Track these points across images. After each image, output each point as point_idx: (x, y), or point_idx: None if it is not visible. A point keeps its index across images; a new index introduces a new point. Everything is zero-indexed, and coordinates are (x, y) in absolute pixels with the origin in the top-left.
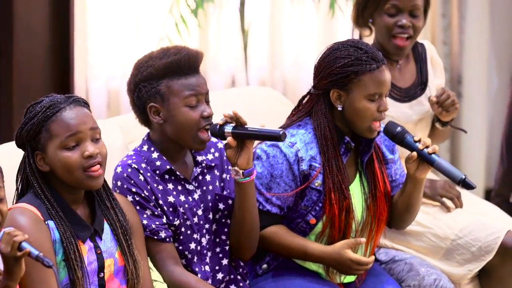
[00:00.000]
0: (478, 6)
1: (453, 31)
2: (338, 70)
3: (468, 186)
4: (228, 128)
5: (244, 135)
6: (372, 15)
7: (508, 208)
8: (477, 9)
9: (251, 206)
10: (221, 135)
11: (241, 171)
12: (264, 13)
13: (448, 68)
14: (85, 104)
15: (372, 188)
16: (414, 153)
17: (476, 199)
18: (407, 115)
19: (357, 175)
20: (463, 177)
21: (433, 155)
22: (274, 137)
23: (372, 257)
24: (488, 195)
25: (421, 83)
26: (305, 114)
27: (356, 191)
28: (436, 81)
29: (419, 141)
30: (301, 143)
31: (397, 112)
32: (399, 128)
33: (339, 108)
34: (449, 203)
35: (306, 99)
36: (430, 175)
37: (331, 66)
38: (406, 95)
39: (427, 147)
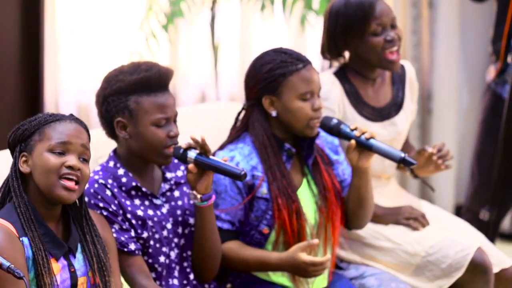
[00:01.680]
0: (448, 23)
1: (423, 48)
2: (265, 75)
3: (408, 163)
4: (191, 155)
5: (205, 166)
6: (356, 43)
7: (479, 225)
8: (447, 26)
9: (210, 229)
10: (183, 160)
11: (199, 196)
12: (234, 28)
13: (419, 85)
14: (86, 128)
15: (321, 189)
16: (353, 141)
17: (446, 215)
18: (379, 135)
19: (304, 180)
20: (403, 155)
21: (371, 140)
22: (234, 175)
23: (328, 256)
24: (459, 211)
25: (395, 104)
26: (242, 129)
27: (305, 195)
28: (412, 106)
29: (356, 129)
30: (241, 156)
31: None
32: (334, 120)
33: (274, 114)
34: (415, 224)
35: (241, 115)
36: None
37: (258, 74)
38: (378, 114)
39: (363, 133)
